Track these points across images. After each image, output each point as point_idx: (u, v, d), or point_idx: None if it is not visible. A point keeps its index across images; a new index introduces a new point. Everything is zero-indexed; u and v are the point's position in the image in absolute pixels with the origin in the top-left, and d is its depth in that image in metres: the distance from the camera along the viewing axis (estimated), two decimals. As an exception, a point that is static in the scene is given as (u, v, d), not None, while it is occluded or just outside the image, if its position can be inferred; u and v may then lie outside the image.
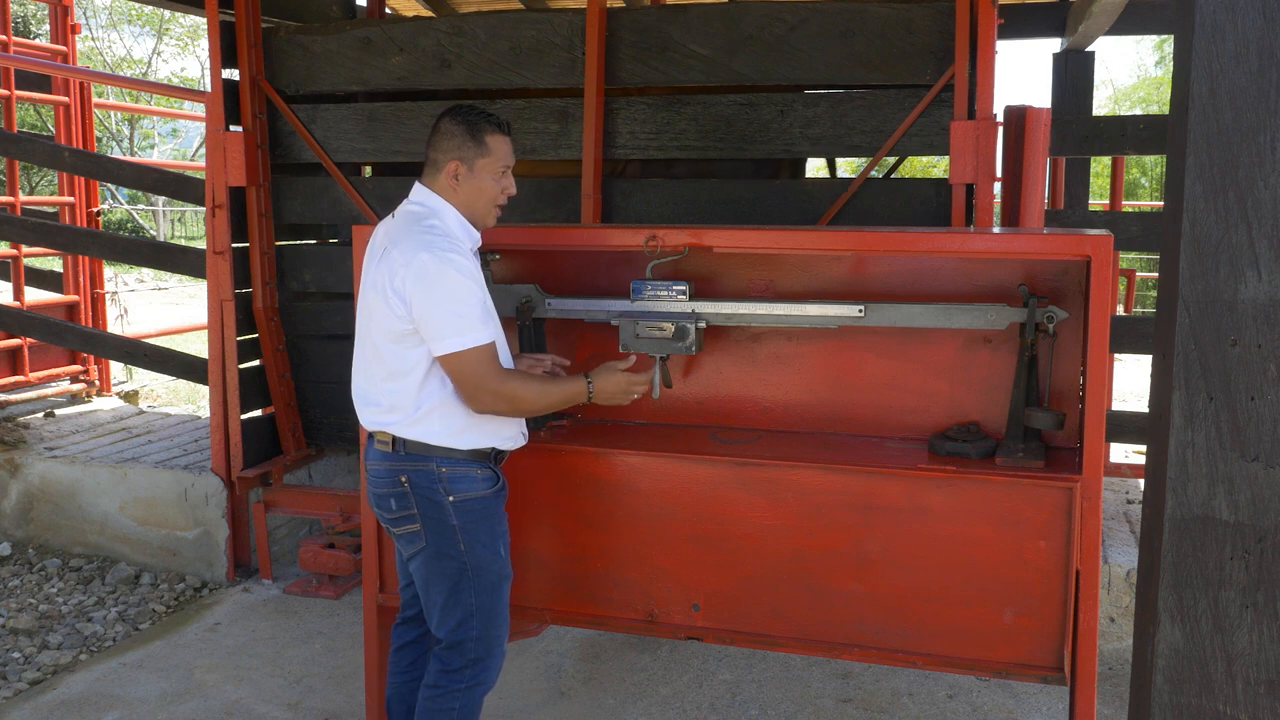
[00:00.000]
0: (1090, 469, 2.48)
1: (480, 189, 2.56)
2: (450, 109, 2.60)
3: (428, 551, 2.53)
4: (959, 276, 2.80)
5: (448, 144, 2.54)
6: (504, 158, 2.58)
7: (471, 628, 2.55)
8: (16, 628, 4.00)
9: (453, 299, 2.40)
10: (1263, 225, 1.58)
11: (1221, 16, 1.57)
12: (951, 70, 3.59)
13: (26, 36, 15.40)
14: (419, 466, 2.50)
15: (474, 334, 2.41)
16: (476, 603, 2.55)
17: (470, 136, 2.53)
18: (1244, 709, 1.67)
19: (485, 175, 2.55)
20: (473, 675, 2.58)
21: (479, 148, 2.54)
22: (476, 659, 2.57)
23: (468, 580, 2.53)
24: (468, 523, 2.52)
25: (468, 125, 2.54)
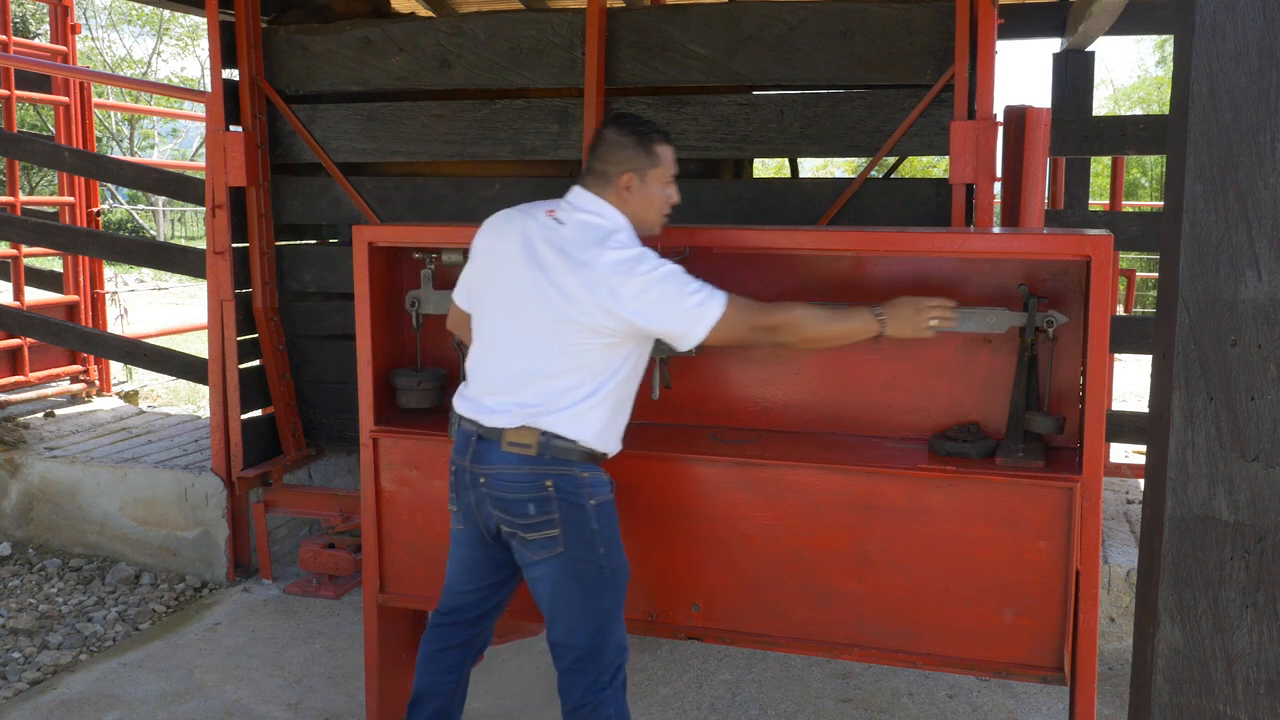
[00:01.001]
0: (1090, 469, 2.48)
1: (650, 199, 2.55)
2: (614, 119, 2.60)
3: (565, 557, 2.49)
4: (959, 277, 2.80)
5: (619, 155, 2.52)
6: (671, 166, 2.58)
7: (610, 631, 2.54)
8: (16, 628, 4.00)
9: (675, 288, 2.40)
10: (1263, 225, 1.58)
11: (1221, 16, 1.57)
12: (951, 70, 3.59)
13: (26, 36, 15.41)
14: (564, 471, 2.47)
15: (711, 301, 2.41)
16: (612, 606, 2.55)
17: (641, 147, 2.52)
18: (1244, 709, 1.67)
19: (655, 185, 2.55)
20: (615, 676, 2.56)
21: (650, 158, 2.53)
22: (614, 661, 2.56)
23: (606, 584, 2.52)
24: (604, 526, 2.51)
25: (638, 136, 2.53)
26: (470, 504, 2.59)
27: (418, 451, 3.03)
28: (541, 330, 2.47)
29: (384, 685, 3.16)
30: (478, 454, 2.54)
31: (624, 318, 2.40)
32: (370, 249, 3.02)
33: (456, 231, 3.09)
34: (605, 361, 2.48)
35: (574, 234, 2.49)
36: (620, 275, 2.39)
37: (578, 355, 2.46)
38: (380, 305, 3.10)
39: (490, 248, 2.62)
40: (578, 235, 2.48)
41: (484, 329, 2.62)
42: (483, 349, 2.60)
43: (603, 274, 2.40)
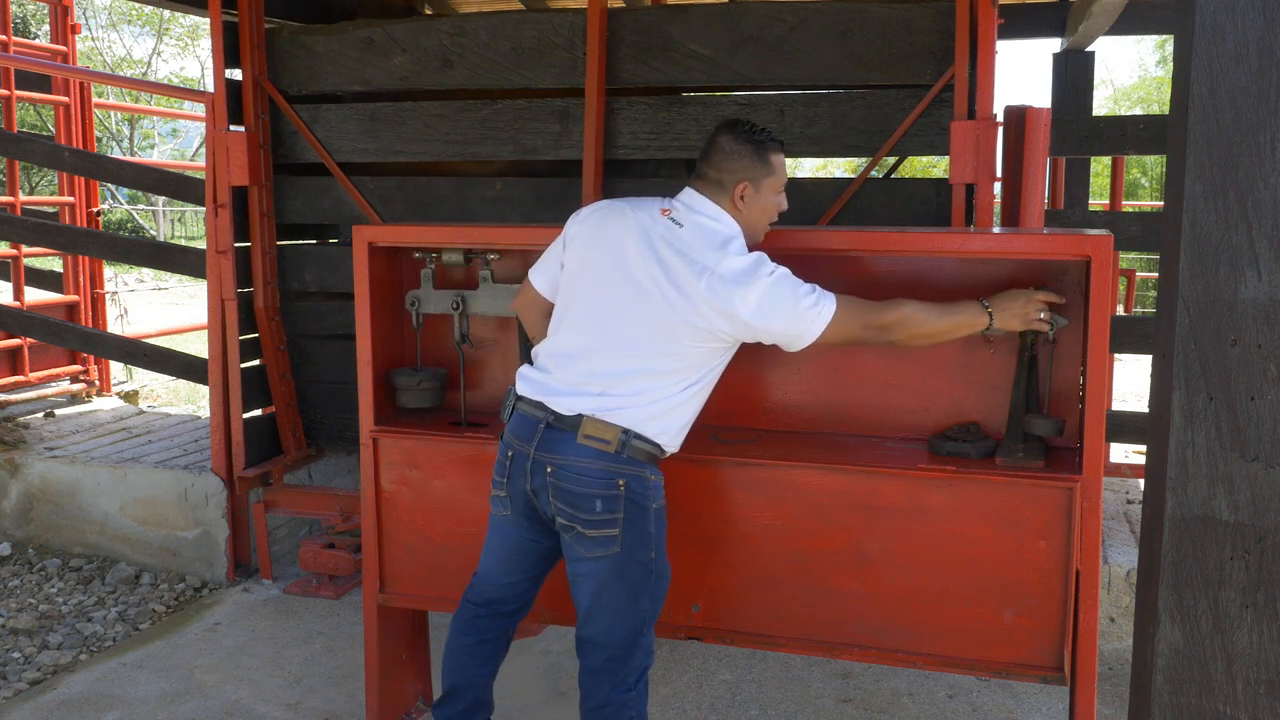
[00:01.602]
0: (1090, 469, 2.48)
1: (764, 208, 2.55)
2: (729, 125, 2.57)
3: (620, 557, 2.47)
4: (959, 277, 2.80)
5: (735, 164, 2.51)
6: (784, 175, 2.58)
7: (644, 635, 2.54)
8: (16, 628, 4.00)
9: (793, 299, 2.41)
10: (1263, 225, 1.58)
11: (1221, 16, 1.57)
12: (951, 70, 3.59)
13: (26, 36, 15.41)
14: (637, 472, 2.46)
15: (822, 303, 2.42)
16: (652, 610, 2.54)
17: (757, 157, 2.51)
18: (1244, 709, 1.67)
19: (769, 194, 2.54)
20: (640, 678, 2.56)
21: (765, 168, 2.52)
22: (642, 664, 2.56)
23: (649, 587, 2.52)
24: (659, 530, 2.52)
25: (754, 145, 2.52)
26: (525, 490, 2.54)
27: (418, 451, 3.03)
28: (654, 328, 2.45)
29: (384, 685, 3.16)
30: (547, 441, 2.48)
31: (744, 322, 2.41)
32: (371, 249, 3.02)
33: (457, 231, 3.09)
34: (706, 364, 2.50)
35: (693, 237, 2.47)
36: (744, 282, 2.40)
37: (685, 357, 2.46)
38: (380, 305, 3.10)
39: (594, 237, 2.56)
40: (697, 239, 2.47)
41: (579, 317, 2.55)
42: (575, 336, 2.53)
43: (727, 280, 2.40)
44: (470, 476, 2.99)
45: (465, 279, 3.15)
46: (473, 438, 2.99)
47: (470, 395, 3.19)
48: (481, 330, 3.21)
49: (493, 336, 3.21)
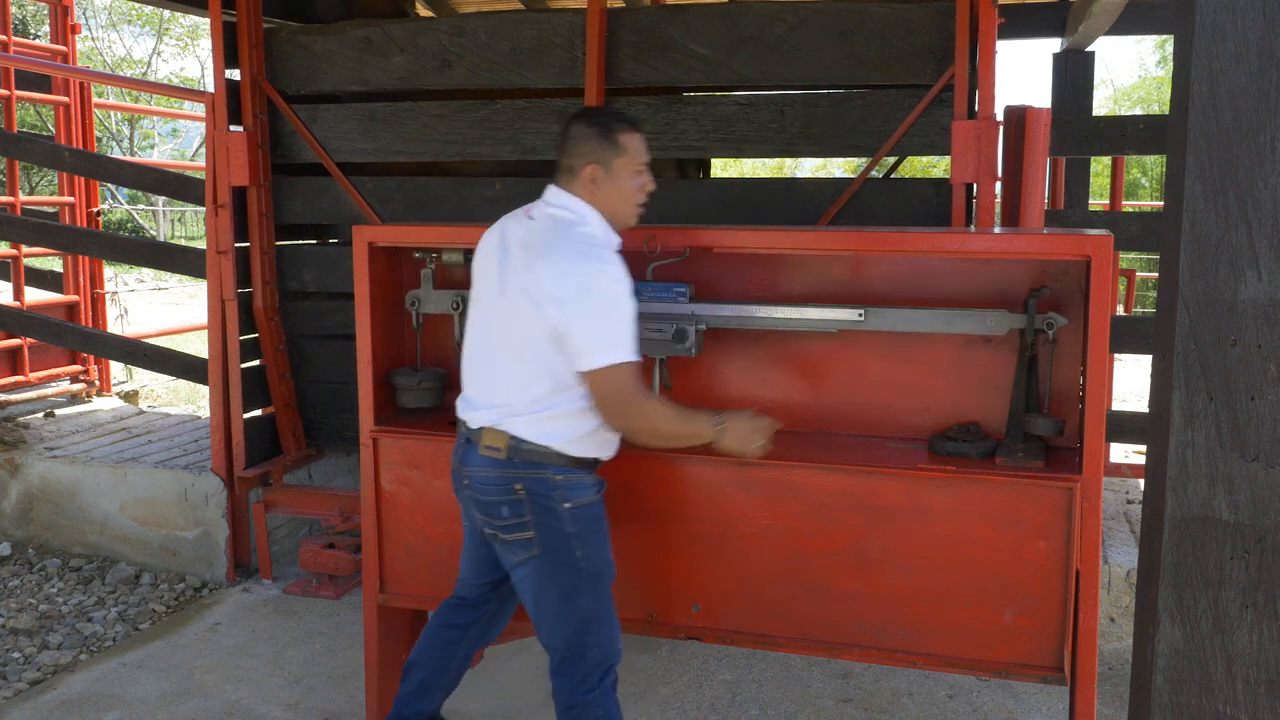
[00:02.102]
0: (1090, 469, 2.48)
1: (620, 190, 2.53)
2: (578, 113, 2.59)
3: (541, 559, 2.52)
4: (960, 276, 2.80)
5: (582, 148, 2.50)
6: (639, 154, 2.55)
7: (591, 633, 2.55)
8: (16, 628, 4.00)
9: (611, 313, 2.38)
10: (1263, 225, 1.58)
11: (1221, 16, 1.57)
12: (951, 70, 3.59)
13: (25, 36, 15.41)
14: (535, 475, 2.48)
15: (626, 349, 2.39)
16: (593, 608, 2.54)
17: (604, 138, 2.50)
18: (1244, 709, 1.67)
19: (623, 175, 2.52)
20: (603, 677, 2.57)
21: (614, 148, 2.50)
22: (602, 662, 2.56)
23: (583, 586, 2.53)
24: (583, 530, 2.51)
25: (599, 126, 2.51)
26: (463, 503, 2.69)
27: (418, 451, 3.03)
28: (510, 332, 2.49)
29: (384, 685, 3.16)
30: (463, 455, 2.60)
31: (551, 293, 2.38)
32: (370, 249, 3.02)
33: (456, 231, 3.09)
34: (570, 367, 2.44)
35: (540, 228, 2.50)
36: (568, 264, 2.39)
37: (541, 359, 2.45)
38: (380, 305, 3.10)
39: (478, 253, 2.68)
40: (543, 229, 2.49)
41: (472, 331, 2.66)
42: (471, 351, 2.65)
43: (555, 262, 2.40)
44: (470, 476, 2.98)
45: (465, 279, 3.14)
46: (472, 438, 2.99)
47: (470, 395, 3.18)
48: (481, 330, 3.20)
49: (492, 336, 3.21)
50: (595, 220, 2.52)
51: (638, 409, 2.43)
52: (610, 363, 2.37)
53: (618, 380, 2.38)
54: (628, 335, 2.40)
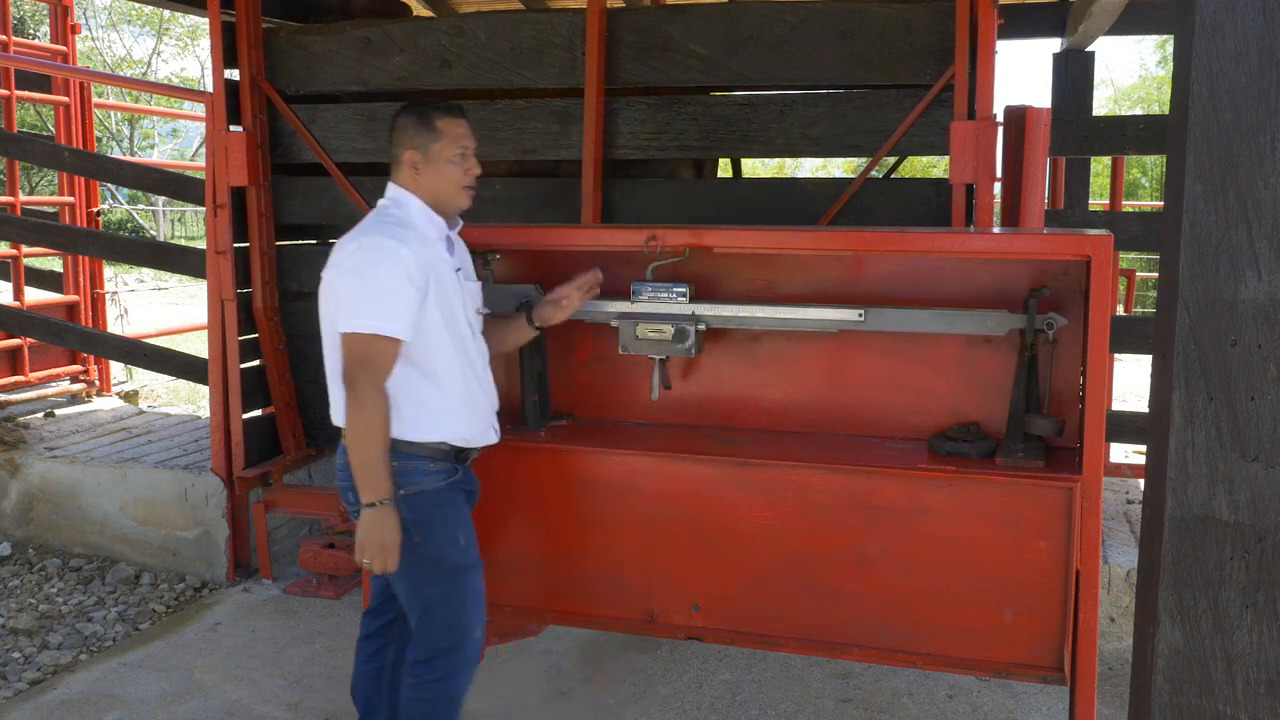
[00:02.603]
0: (1090, 469, 2.48)
1: (440, 174, 2.57)
2: (403, 106, 2.66)
3: None
4: (959, 276, 2.80)
5: (401, 137, 2.58)
6: (457, 139, 2.58)
7: (435, 618, 2.57)
8: (16, 628, 4.00)
9: (366, 279, 2.42)
10: (1263, 225, 1.58)
11: (1221, 16, 1.57)
12: (951, 70, 3.59)
13: (24, 36, 15.40)
14: None
15: (373, 319, 2.40)
16: (439, 593, 2.56)
17: (421, 124, 2.57)
18: (1244, 709, 1.67)
19: (441, 159, 2.56)
20: (443, 666, 2.57)
21: (431, 133, 2.57)
22: (443, 649, 2.57)
23: (426, 572, 2.55)
24: (420, 516, 2.51)
25: (417, 115, 2.59)
26: None
27: (418, 451, 3.03)
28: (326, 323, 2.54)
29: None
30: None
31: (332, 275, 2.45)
32: (370, 249, 3.01)
33: (456, 231, 3.09)
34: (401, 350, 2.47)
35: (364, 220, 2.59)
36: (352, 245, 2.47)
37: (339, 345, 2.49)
38: (380, 305, 3.10)
39: None
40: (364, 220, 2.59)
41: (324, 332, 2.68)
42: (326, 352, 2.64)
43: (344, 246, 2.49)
44: (470, 476, 2.98)
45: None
46: (472, 438, 2.99)
47: (470, 395, 3.18)
48: (481, 330, 3.20)
49: (492, 336, 3.21)
50: (414, 205, 2.57)
51: (361, 387, 2.41)
52: (356, 329, 2.40)
53: (359, 347, 2.41)
54: (385, 309, 2.40)
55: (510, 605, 3.00)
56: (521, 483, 2.93)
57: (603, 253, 3.05)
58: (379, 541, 2.45)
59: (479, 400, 2.63)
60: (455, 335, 2.56)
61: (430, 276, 2.48)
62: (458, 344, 2.57)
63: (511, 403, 3.15)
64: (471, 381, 2.61)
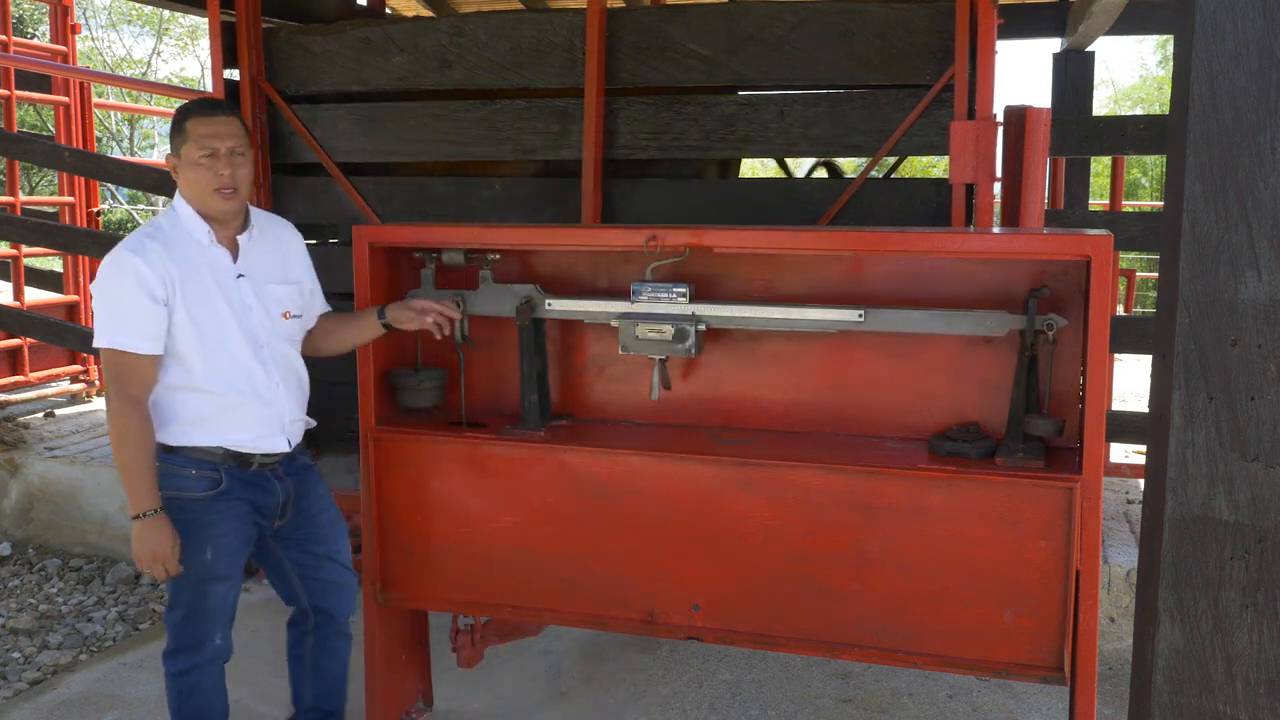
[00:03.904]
0: (1090, 469, 2.48)
1: (188, 177, 2.55)
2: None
3: None
4: (959, 276, 2.80)
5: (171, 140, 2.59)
6: (202, 140, 2.51)
7: (175, 613, 2.63)
8: (16, 628, 4.00)
9: (105, 296, 2.50)
10: (1263, 225, 1.58)
11: (1221, 16, 1.57)
12: (951, 70, 3.59)
13: (24, 36, 15.40)
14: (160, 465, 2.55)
15: (111, 336, 2.47)
16: (178, 594, 2.62)
17: (177, 129, 2.55)
18: (1244, 709, 1.67)
19: (189, 162, 2.53)
20: (184, 660, 2.63)
21: (180, 136, 2.54)
22: (179, 648, 2.64)
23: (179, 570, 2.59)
24: (174, 520, 2.53)
25: (177, 118, 2.57)
26: None
27: (418, 451, 3.03)
28: None
29: (384, 685, 3.16)
30: None
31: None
32: (370, 249, 3.02)
33: (457, 231, 3.09)
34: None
35: None
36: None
37: None
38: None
39: None
40: None
41: None
42: None
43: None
44: (470, 477, 2.99)
45: (465, 279, 3.15)
46: (473, 438, 2.99)
47: (470, 395, 3.18)
48: (481, 330, 3.20)
49: (493, 336, 3.21)
50: (185, 212, 2.59)
51: (112, 401, 2.48)
52: (101, 345, 2.51)
53: (107, 363, 2.50)
54: (122, 324, 2.47)
55: (510, 605, 3.00)
56: (521, 483, 2.93)
57: (603, 253, 3.05)
58: (151, 552, 2.49)
59: (254, 407, 2.61)
60: (219, 341, 2.55)
61: (175, 286, 2.49)
62: (223, 350, 2.56)
63: (511, 403, 3.15)
64: (244, 387, 2.60)
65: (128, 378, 2.47)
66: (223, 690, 2.74)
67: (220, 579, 2.63)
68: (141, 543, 2.49)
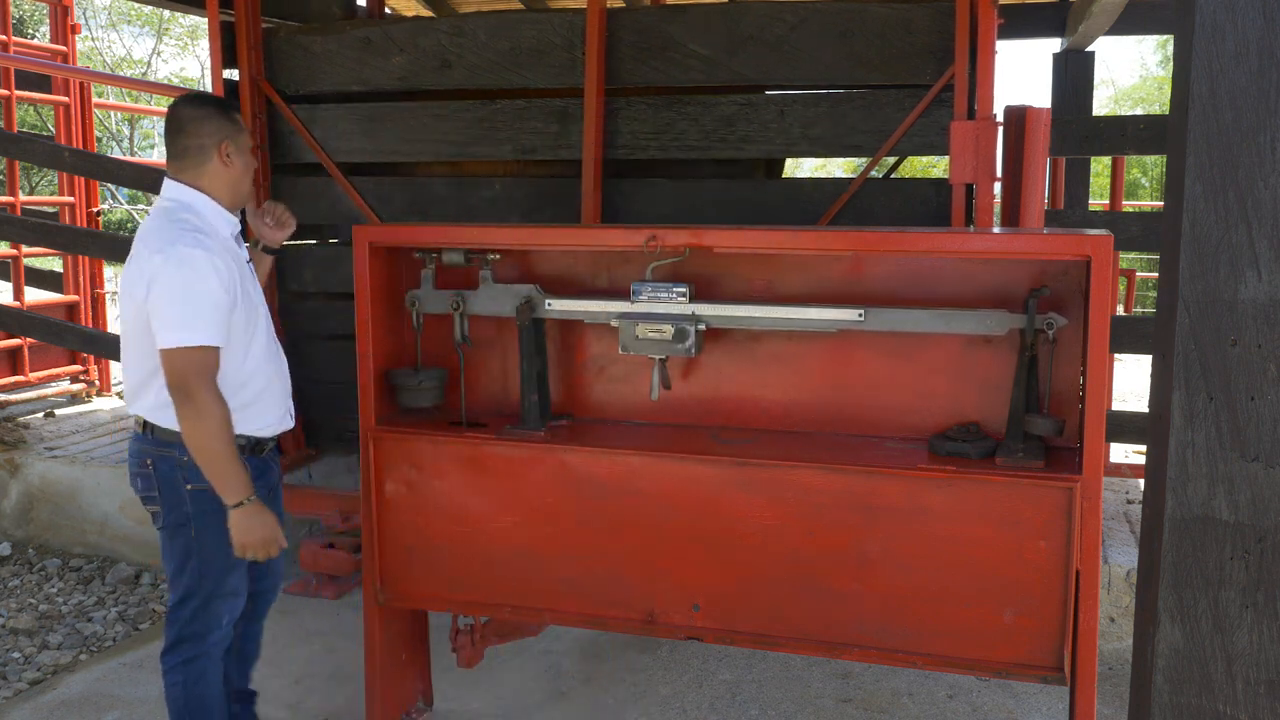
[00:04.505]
0: (1090, 469, 2.48)
1: (248, 165, 2.67)
2: (185, 98, 2.69)
3: (164, 531, 2.68)
4: (959, 276, 2.80)
5: (209, 127, 2.60)
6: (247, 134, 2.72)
7: (186, 607, 2.68)
8: (16, 628, 4.00)
9: (188, 294, 2.47)
10: (1263, 225, 1.58)
11: (1221, 16, 1.57)
12: (951, 70, 3.59)
13: (24, 36, 15.39)
14: (163, 453, 2.61)
15: (192, 333, 2.46)
16: (196, 586, 2.67)
17: (228, 119, 2.63)
18: (1244, 709, 1.67)
19: (246, 152, 2.67)
20: (186, 651, 2.70)
21: (237, 128, 2.65)
22: (186, 637, 2.70)
23: (192, 563, 2.66)
24: (200, 511, 2.61)
25: (221, 108, 2.64)
26: None
27: (418, 451, 3.03)
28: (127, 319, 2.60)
29: (384, 685, 3.16)
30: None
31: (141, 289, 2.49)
32: (370, 249, 3.02)
33: (457, 231, 3.09)
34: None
35: (151, 221, 2.62)
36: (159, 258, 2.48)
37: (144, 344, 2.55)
38: (380, 305, 3.10)
39: None
40: (151, 221, 2.62)
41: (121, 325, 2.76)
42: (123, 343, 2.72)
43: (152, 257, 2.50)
44: (470, 477, 2.99)
45: (465, 279, 3.15)
46: (473, 438, 2.99)
47: (470, 395, 3.19)
48: (481, 330, 3.20)
49: (493, 336, 3.21)
50: (207, 206, 2.62)
51: (192, 395, 2.47)
52: (183, 344, 2.46)
53: (180, 361, 2.47)
54: (200, 319, 2.47)
55: (510, 605, 3.00)
56: (521, 483, 2.93)
57: (603, 253, 3.05)
58: (260, 538, 2.58)
59: (278, 391, 2.76)
60: (254, 331, 2.65)
61: (235, 280, 2.57)
62: (257, 340, 2.67)
63: (511, 403, 3.15)
64: (271, 371, 2.72)
65: (211, 372, 2.50)
66: (221, 679, 2.79)
67: (237, 568, 2.72)
68: (248, 529, 2.55)
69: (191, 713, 2.71)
